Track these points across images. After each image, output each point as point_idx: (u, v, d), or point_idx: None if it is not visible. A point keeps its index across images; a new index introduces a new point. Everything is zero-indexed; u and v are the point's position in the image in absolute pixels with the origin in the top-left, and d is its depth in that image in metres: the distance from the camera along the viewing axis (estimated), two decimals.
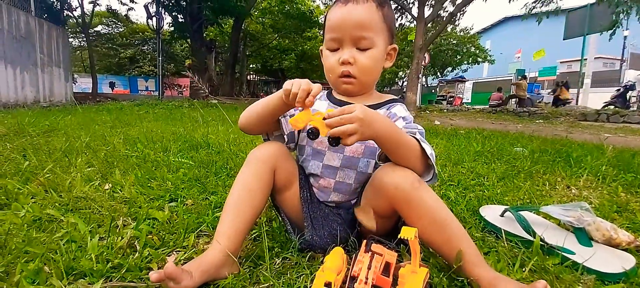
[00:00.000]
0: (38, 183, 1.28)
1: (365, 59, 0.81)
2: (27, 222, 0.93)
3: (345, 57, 0.80)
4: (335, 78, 0.85)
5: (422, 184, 0.70)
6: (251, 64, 25.81)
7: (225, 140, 2.40)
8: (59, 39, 9.87)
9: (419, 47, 8.23)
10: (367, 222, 0.78)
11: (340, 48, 0.82)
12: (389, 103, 0.90)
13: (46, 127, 3.01)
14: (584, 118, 7.51)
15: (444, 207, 0.71)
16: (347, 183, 0.86)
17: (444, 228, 0.69)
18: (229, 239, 0.71)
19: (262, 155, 0.79)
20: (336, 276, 0.63)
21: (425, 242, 0.72)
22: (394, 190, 0.69)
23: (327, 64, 0.85)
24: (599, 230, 0.88)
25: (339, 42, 0.81)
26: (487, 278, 0.65)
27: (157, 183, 1.37)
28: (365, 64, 0.81)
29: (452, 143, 2.81)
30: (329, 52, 0.84)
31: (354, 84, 0.84)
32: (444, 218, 0.69)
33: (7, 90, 7.68)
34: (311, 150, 0.88)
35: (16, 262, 0.71)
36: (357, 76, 0.82)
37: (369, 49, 0.80)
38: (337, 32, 0.81)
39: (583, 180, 1.61)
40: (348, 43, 0.80)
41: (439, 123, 5.50)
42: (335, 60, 0.82)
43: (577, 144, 2.82)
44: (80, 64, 24.77)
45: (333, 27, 0.81)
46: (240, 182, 0.78)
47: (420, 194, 0.68)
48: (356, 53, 0.81)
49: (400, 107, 0.89)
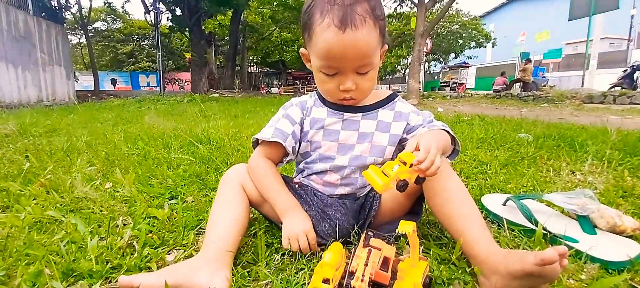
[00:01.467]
0: (39, 184, 1.29)
1: (366, 82, 0.78)
2: (28, 224, 0.94)
3: (347, 85, 0.76)
4: (335, 99, 0.83)
5: (445, 161, 0.76)
6: (251, 56, 25.67)
7: (225, 135, 2.39)
8: (58, 37, 9.87)
9: (420, 33, 8.12)
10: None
11: (339, 73, 0.76)
12: (388, 101, 0.89)
13: (48, 127, 3.02)
14: (590, 100, 7.40)
15: (464, 188, 0.76)
16: (354, 178, 0.87)
17: (463, 205, 0.72)
18: (208, 245, 0.72)
19: (227, 177, 0.86)
20: (335, 271, 0.63)
21: (441, 216, 0.75)
22: None
23: (324, 88, 0.80)
24: (604, 218, 0.86)
25: (337, 69, 0.75)
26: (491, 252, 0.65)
27: (157, 181, 1.37)
28: (367, 86, 0.79)
29: (455, 130, 2.79)
30: (324, 76, 0.77)
31: (353, 103, 0.84)
32: (466, 195, 0.74)
33: (10, 91, 7.73)
34: (319, 155, 0.87)
35: (17, 265, 0.72)
36: (358, 97, 0.81)
37: (370, 71, 0.77)
38: (336, 62, 0.73)
39: (588, 165, 1.59)
40: (348, 71, 0.75)
41: (442, 110, 5.45)
42: (335, 87, 0.78)
43: (581, 127, 2.77)
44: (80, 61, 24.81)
45: (331, 57, 0.72)
46: (215, 203, 0.82)
47: (449, 171, 0.75)
48: (357, 78, 0.76)
49: (401, 103, 0.90)
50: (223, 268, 0.67)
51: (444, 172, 0.73)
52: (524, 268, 0.57)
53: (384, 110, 0.88)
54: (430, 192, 0.76)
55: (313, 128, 0.87)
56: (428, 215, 0.97)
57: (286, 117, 0.87)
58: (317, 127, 0.86)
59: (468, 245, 0.69)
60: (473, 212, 0.72)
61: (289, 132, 0.85)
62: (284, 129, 0.85)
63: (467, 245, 0.69)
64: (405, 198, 0.84)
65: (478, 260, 0.66)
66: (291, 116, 0.88)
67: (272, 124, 0.87)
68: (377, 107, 0.88)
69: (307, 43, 0.79)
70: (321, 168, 0.86)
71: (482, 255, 0.65)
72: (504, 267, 0.60)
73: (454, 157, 0.88)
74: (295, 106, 0.90)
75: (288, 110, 0.89)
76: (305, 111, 0.89)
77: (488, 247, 0.66)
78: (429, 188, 0.76)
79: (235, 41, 16.58)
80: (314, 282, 0.60)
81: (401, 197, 0.84)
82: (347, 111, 0.86)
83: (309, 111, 0.89)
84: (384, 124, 0.86)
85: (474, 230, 0.69)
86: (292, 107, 0.90)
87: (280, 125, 0.86)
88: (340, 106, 0.86)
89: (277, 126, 0.85)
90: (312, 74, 0.84)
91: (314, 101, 0.90)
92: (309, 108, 0.89)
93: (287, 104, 0.92)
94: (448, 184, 0.74)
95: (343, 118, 0.86)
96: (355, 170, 0.86)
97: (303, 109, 0.89)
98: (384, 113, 0.87)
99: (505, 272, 0.60)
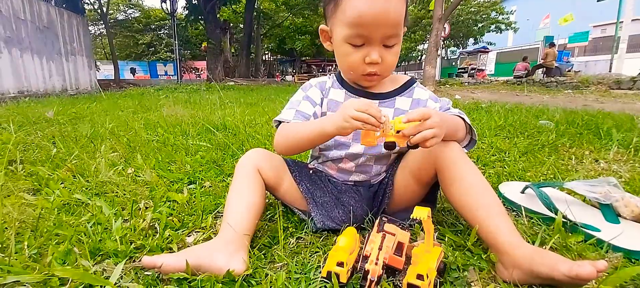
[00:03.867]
0: (66, 169, 1.35)
1: (391, 57, 0.76)
2: (57, 206, 0.99)
3: (374, 57, 0.74)
4: (358, 75, 0.81)
5: (464, 153, 0.74)
6: (266, 44, 25.64)
7: (241, 122, 2.42)
8: (80, 27, 10.13)
9: (438, 17, 7.87)
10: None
11: (366, 44, 0.74)
12: (407, 87, 0.88)
13: (73, 115, 3.14)
14: (617, 86, 7.04)
15: (482, 176, 0.73)
16: (368, 165, 0.87)
17: (483, 195, 0.70)
18: (225, 228, 0.73)
19: (244, 161, 0.84)
20: (349, 255, 0.64)
21: (458, 206, 0.73)
22: (441, 152, 0.73)
23: (349, 61, 0.78)
24: (628, 207, 0.83)
25: (365, 39, 0.74)
26: (514, 245, 0.63)
27: (176, 167, 1.41)
28: (392, 61, 0.77)
29: (473, 117, 2.72)
30: (350, 48, 0.76)
31: (376, 80, 0.82)
32: (485, 185, 0.71)
33: (36, 80, 8.04)
34: (334, 141, 0.86)
35: (48, 244, 0.76)
36: (382, 73, 0.79)
37: (396, 44, 0.75)
38: (367, 29, 0.71)
39: (613, 153, 1.53)
40: (376, 41, 0.73)
41: (460, 97, 5.32)
42: (360, 59, 0.76)
43: (607, 114, 2.66)
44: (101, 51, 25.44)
45: (362, 24, 0.71)
46: (231, 187, 0.81)
47: (465, 157, 0.73)
48: (383, 51, 0.75)
49: (420, 90, 0.89)
50: (240, 251, 0.69)
51: (459, 160, 0.72)
52: (553, 276, 0.55)
53: (401, 98, 0.86)
54: (446, 181, 0.74)
55: (330, 110, 0.87)
56: (443, 202, 0.96)
57: (307, 99, 0.88)
58: (333, 110, 0.86)
59: (489, 234, 0.66)
60: (493, 201, 0.70)
61: (311, 113, 0.85)
62: (306, 111, 0.85)
63: (487, 234, 0.67)
64: (418, 186, 0.83)
65: (500, 250, 0.64)
66: (312, 98, 0.88)
67: (293, 105, 0.87)
68: (394, 95, 0.86)
69: (331, 16, 0.78)
70: (336, 156, 0.87)
71: (505, 246, 0.63)
72: (528, 265, 0.58)
73: (471, 147, 0.86)
74: (314, 87, 0.90)
75: (308, 92, 0.89)
76: (324, 92, 0.89)
77: (511, 240, 0.64)
78: (445, 177, 0.74)
79: (250, 29, 16.58)
80: (328, 265, 0.62)
81: (414, 185, 0.83)
82: (365, 96, 0.85)
83: (327, 92, 0.88)
84: (401, 113, 0.84)
85: (495, 219, 0.67)
86: (312, 88, 0.90)
87: (301, 107, 0.86)
88: (359, 90, 0.85)
89: (298, 108, 0.85)
90: (327, 60, 0.84)
91: (332, 82, 0.90)
92: (328, 89, 0.89)
93: (306, 85, 0.92)
94: (464, 173, 0.72)
95: None
96: (371, 158, 0.86)
97: (322, 90, 0.89)
98: (401, 100, 0.86)
99: (529, 269, 0.58)
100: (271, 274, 0.66)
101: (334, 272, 0.60)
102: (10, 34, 7.22)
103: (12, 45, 7.27)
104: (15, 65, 7.38)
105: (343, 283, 0.60)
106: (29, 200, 1.04)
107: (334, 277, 0.59)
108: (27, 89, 7.60)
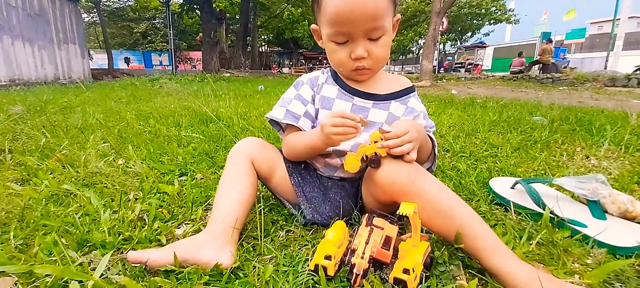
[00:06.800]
0: (56, 159, 1.33)
1: (379, 49, 0.74)
2: (45, 197, 0.98)
3: (359, 52, 0.73)
4: (348, 71, 0.80)
5: (419, 173, 0.66)
6: (263, 36, 25.39)
7: (235, 114, 2.41)
8: (72, 14, 9.95)
9: (437, 11, 7.85)
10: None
11: (350, 41, 0.73)
12: (404, 94, 0.86)
13: (64, 105, 3.09)
14: (612, 83, 7.09)
15: (448, 192, 0.66)
16: None
17: (450, 216, 0.63)
18: (214, 221, 0.73)
19: (237, 150, 0.84)
20: (337, 249, 0.64)
21: (434, 232, 0.69)
22: (391, 185, 0.66)
23: (336, 58, 0.77)
24: (615, 203, 0.84)
25: (347, 36, 0.73)
26: (510, 272, 0.58)
27: (168, 158, 1.40)
28: (380, 53, 0.75)
29: (468, 113, 2.73)
30: (335, 45, 0.75)
31: (367, 74, 0.81)
32: (448, 205, 0.64)
33: (27, 69, 7.91)
34: None
35: (34, 235, 0.76)
36: (372, 67, 0.78)
37: (382, 36, 0.73)
38: (345, 26, 0.70)
39: (604, 150, 1.54)
40: (359, 36, 0.72)
41: (456, 92, 5.32)
42: (346, 55, 0.75)
43: (600, 111, 2.68)
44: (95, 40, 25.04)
45: (340, 21, 0.70)
46: (223, 176, 0.81)
47: (419, 185, 0.64)
48: (369, 45, 0.73)
49: (415, 100, 0.88)
50: (228, 244, 0.68)
51: (434, 185, 0.66)
52: None
53: (396, 103, 0.85)
54: (422, 211, 0.65)
55: (322, 107, 0.86)
56: None
57: (298, 97, 0.87)
58: (325, 107, 0.85)
59: (485, 261, 0.62)
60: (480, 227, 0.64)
61: (301, 113, 0.85)
62: (296, 111, 0.85)
63: (482, 261, 0.62)
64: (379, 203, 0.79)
65: (500, 278, 0.60)
66: (302, 96, 0.87)
67: (284, 103, 0.87)
68: (390, 99, 0.85)
69: (317, 16, 0.78)
70: (324, 152, 0.86)
71: (504, 273, 0.59)
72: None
73: (432, 168, 0.88)
74: (305, 84, 0.89)
75: (299, 90, 0.88)
76: (316, 88, 0.88)
77: (511, 264, 0.59)
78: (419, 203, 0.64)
79: (246, 20, 16.38)
80: (316, 258, 0.62)
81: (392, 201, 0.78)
82: (358, 96, 0.84)
83: (319, 88, 0.87)
84: (394, 118, 0.83)
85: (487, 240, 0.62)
86: (303, 85, 0.89)
87: (291, 107, 0.85)
88: (353, 88, 0.84)
89: (288, 108, 0.85)
90: (325, 53, 0.83)
91: (326, 78, 0.88)
92: (320, 85, 0.88)
93: (298, 82, 0.91)
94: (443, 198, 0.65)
95: (353, 102, 0.84)
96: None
97: (313, 86, 0.88)
98: (395, 105, 0.85)
99: None
100: (259, 267, 0.66)
101: (321, 265, 0.60)
102: (1, 21, 7.07)
103: (3, 32, 7.14)
104: (7, 53, 7.25)
105: (330, 276, 0.60)
106: (16, 190, 1.02)
107: (321, 270, 0.60)
108: (18, 77, 7.49)
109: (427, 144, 0.81)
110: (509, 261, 0.60)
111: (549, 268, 0.66)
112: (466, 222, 0.63)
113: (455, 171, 1.27)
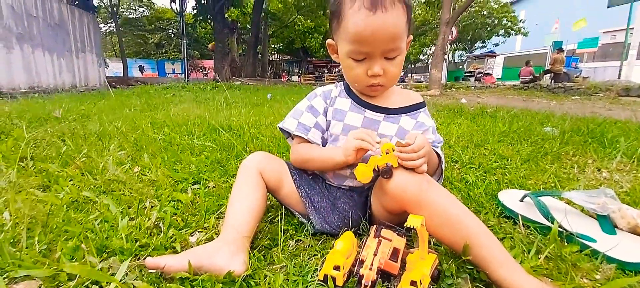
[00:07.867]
0: (75, 166, 1.39)
1: (394, 68, 0.78)
2: (66, 203, 1.02)
3: (376, 70, 0.76)
4: (362, 87, 0.84)
5: (431, 184, 0.68)
6: (273, 44, 25.72)
7: (246, 123, 2.45)
8: (90, 25, 10.28)
9: (446, 21, 7.85)
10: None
11: (367, 58, 0.77)
12: (415, 109, 0.90)
13: (82, 112, 3.19)
14: (626, 93, 6.94)
15: (457, 203, 0.68)
16: None
17: (459, 225, 0.65)
18: (227, 230, 0.75)
19: (247, 163, 0.88)
20: (345, 259, 0.65)
21: (442, 242, 0.71)
22: (402, 193, 0.68)
23: (353, 74, 0.81)
24: (624, 218, 0.84)
25: (366, 54, 0.76)
26: (517, 285, 0.59)
27: (181, 166, 1.44)
28: (394, 72, 0.79)
29: (477, 123, 2.72)
30: (353, 62, 0.79)
31: (380, 90, 0.84)
32: (457, 215, 0.66)
33: (46, 77, 8.17)
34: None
35: (57, 240, 0.79)
36: (386, 84, 0.81)
37: (397, 56, 0.77)
38: (366, 46, 0.74)
39: (616, 163, 1.52)
40: (377, 55, 0.76)
41: (466, 101, 5.29)
42: (363, 72, 0.79)
43: (613, 122, 2.63)
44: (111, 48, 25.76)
45: (361, 40, 0.73)
46: (234, 188, 0.84)
47: (429, 195, 0.67)
48: (385, 63, 0.77)
49: (425, 115, 0.90)
50: (240, 252, 0.71)
51: (443, 195, 0.69)
52: None
53: (407, 117, 0.88)
54: (430, 220, 0.67)
55: (334, 119, 0.89)
56: None
57: (310, 109, 0.91)
58: (337, 119, 0.88)
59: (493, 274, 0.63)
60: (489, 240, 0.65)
61: (312, 124, 0.88)
62: (307, 123, 0.89)
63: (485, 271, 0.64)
64: (390, 214, 0.81)
65: None
66: (315, 107, 0.91)
67: (296, 115, 0.91)
68: (401, 113, 0.88)
69: (335, 31, 0.81)
70: None
71: (512, 286, 0.60)
72: None
73: (440, 182, 0.88)
74: (319, 97, 0.93)
75: (312, 102, 0.92)
76: (329, 101, 0.91)
77: (519, 277, 0.60)
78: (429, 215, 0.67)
79: (257, 29, 16.66)
80: (325, 268, 0.64)
81: (386, 213, 0.81)
82: (370, 109, 0.87)
83: (332, 101, 0.91)
84: (404, 132, 0.86)
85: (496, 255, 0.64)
86: (317, 98, 0.93)
87: (303, 119, 0.89)
88: (365, 102, 0.87)
89: (300, 120, 0.89)
90: (333, 62, 0.86)
91: (339, 91, 0.92)
92: (333, 98, 0.91)
93: (311, 95, 0.95)
94: (451, 208, 0.67)
95: (364, 115, 0.87)
96: None
97: (326, 99, 0.92)
98: (406, 119, 0.88)
99: None
100: (270, 275, 0.68)
101: (330, 275, 0.62)
102: (22, 31, 7.36)
103: (24, 41, 7.42)
104: (27, 61, 7.53)
105: (339, 287, 0.62)
106: (39, 197, 1.07)
107: (330, 281, 0.61)
108: (37, 85, 7.74)
109: (433, 158, 0.83)
110: (517, 274, 0.61)
111: (557, 283, 0.67)
112: (474, 232, 0.65)
113: (463, 183, 1.28)
